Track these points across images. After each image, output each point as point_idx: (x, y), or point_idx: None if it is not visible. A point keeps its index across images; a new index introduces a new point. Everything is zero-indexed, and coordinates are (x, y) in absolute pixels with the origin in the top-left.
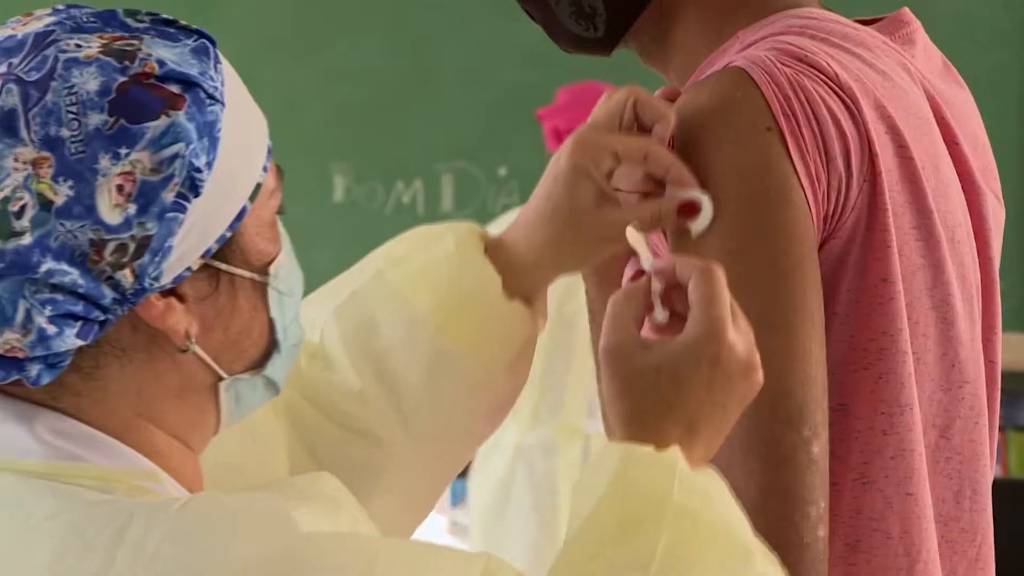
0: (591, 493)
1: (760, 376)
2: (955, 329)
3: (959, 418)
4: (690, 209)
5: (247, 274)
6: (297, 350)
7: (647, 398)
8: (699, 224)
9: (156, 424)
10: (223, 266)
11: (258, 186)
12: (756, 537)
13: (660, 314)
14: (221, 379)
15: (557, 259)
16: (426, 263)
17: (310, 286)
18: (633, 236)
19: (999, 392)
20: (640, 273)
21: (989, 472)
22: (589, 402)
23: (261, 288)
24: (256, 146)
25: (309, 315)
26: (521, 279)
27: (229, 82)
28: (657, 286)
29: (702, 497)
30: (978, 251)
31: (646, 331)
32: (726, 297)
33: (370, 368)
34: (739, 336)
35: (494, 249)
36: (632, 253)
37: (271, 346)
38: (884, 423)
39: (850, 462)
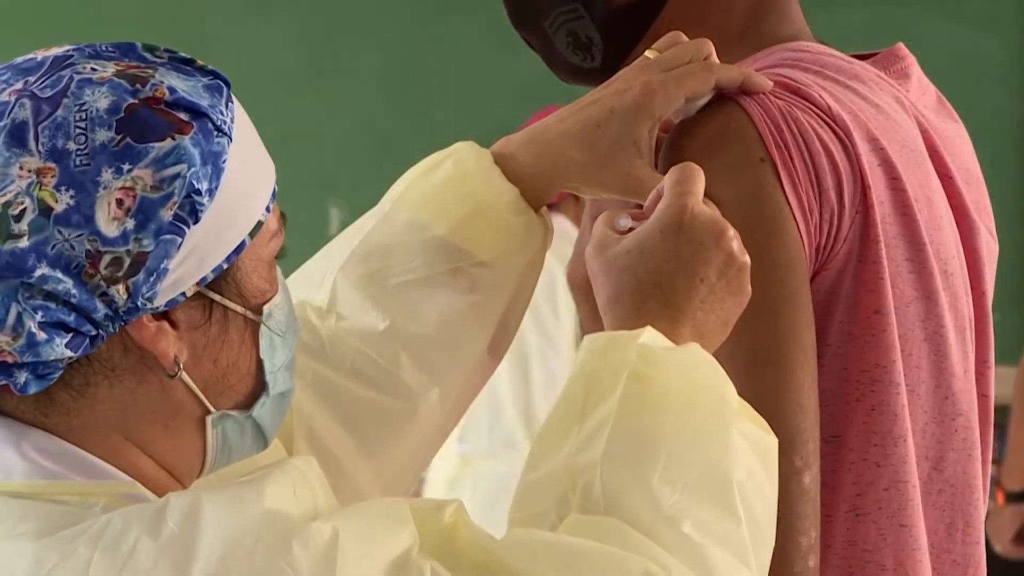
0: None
1: (735, 245)
2: (948, 361)
3: (952, 450)
4: None
5: (240, 309)
6: (287, 401)
7: (623, 278)
8: None
9: (144, 450)
10: (217, 297)
11: (259, 224)
12: (744, 404)
13: (624, 220)
14: (209, 412)
15: (570, 179)
16: (432, 188)
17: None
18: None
19: (992, 426)
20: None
21: (982, 505)
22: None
23: (253, 326)
24: (262, 186)
25: (311, 271)
26: (532, 190)
27: (239, 121)
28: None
29: (663, 366)
30: (971, 284)
31: None
32: (695, 180)
33: (392, 301)
34: (705, 208)
35: (503, 161)
36: None
37: (259, 387)
38: (877, 455)
39: (843, 493)
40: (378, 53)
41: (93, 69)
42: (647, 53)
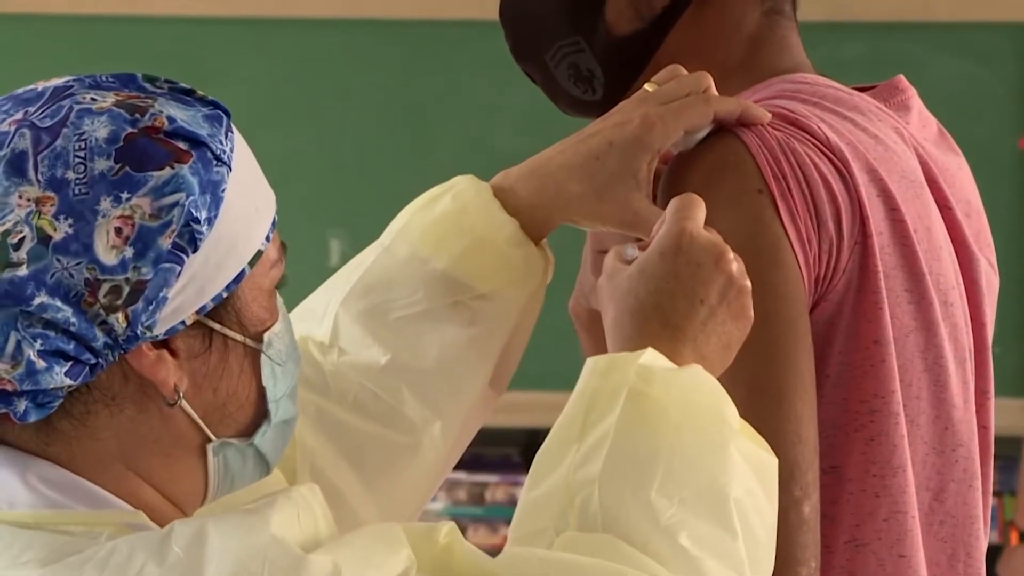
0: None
1: (734, 267)
2: (948, 392)
3: (953, 481)
4: None
5: (240, 338)
6: (291, 428)
7: (625, 301)
8: None
9: (145, 479)
10: (217, 326)
11: (259, 252)
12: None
13: (631, 251)
14: (210, 441)
15: (570, 212)
16: (432, 221)
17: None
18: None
19: (992, 457)
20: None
21: (983, 536)
22: None
23: (254, 355)
24: (262, 216)
25: (313, 305)
26: (532, 223)
27: (239, 151)
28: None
29: (663, 385)
30: (971, 315)
31: None
32: (695, 207)
33: (393, 335)
34: (704, 231)
35: (502, 194)
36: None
37: (261, 415)
38: (877, 485)
39: (843, 524)
40: (378, 85)
41: (93, 99)
42: (646, 86)
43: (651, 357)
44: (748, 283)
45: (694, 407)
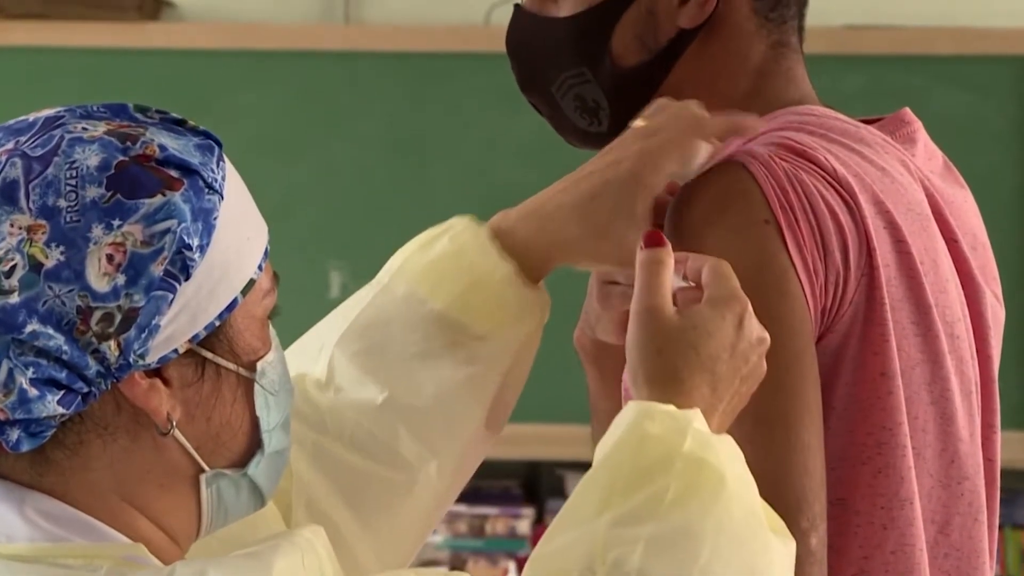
0: (607, 444)
1: (764, 360)
2: (954, 425)
3: (958, 514)
4: None
5: (233, 367)
6: (284, 459)
7: (686, 355)
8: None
9: (140, 510)
10: (209, 355)
11: (252, 281)
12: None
13: (678, 280)
14: (203, 471)
15: (568, 252)
16: (430, 262)
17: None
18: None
19: (998, 490)
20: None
21: (988, 570)
22: None
23: (247, 384)
24: (254, 245)
25: (309, 343)
26: (530, 264)
27: (231, 180)
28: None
29: (715, 453)
30: (977, 348)
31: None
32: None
33: (390, 374)
34: (754, 316)
35: (500, 235)
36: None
37: (254, 445)
38: (884, 517)
39: (850, 556)
40: (379, 117)
41: (84, 128)
42: (637, 121)
43: (700, 421)
44: (764, 371)
45: (743, 481)
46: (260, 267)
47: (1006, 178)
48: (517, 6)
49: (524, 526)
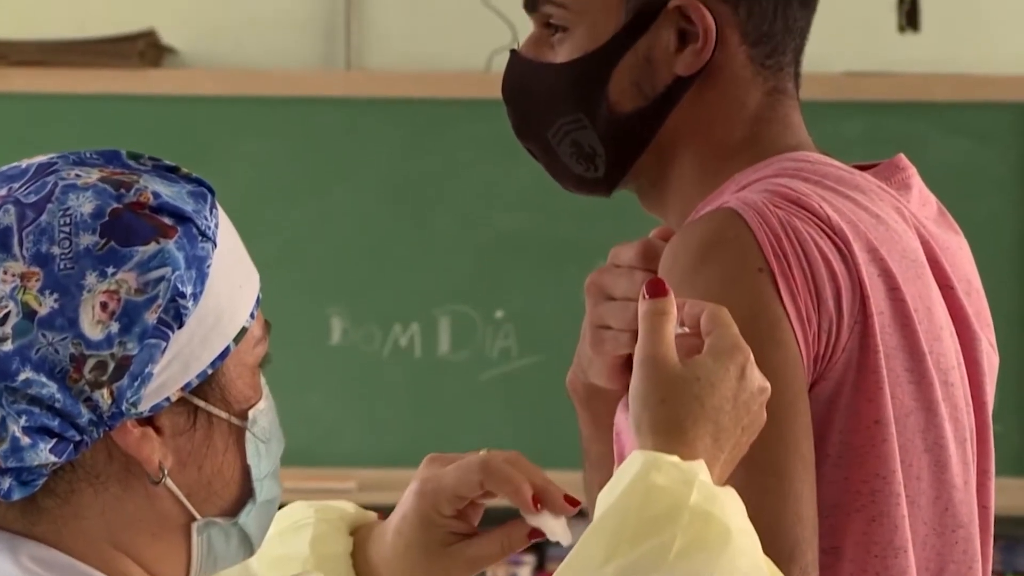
0: (613, 493)
1: (764, 414)
2: (948, 472)
3: (952, 562)
4: (542, 533)
5: (224, 415)
6: (274, 507)
7: (690, 405)
8: (560, 539)
9: (132, 558)
10: (201, 403)
11: (244, 329)
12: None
13: (675, 327)
14: (194, 519)
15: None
16: (279, 558)
17: (306, 428)
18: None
19: (992, 537)
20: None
21: None
22: None
23: (238, 432)
24: (246, 293)
25: None
26: None
27: (224, 227)
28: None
29: (720, 505)
30: (972, 395)
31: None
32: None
33: None
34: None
35: (362, 543)
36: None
37: (245, 494)
38: (877, 566)
39: None
40: (378, 163)
41: (78, 175)
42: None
43: (705, 473)
44: (764, 421)
45: (747, 534)
46: (252, 315)
47: (1006, 225)
48: (513, 51)
49: (525, 572)
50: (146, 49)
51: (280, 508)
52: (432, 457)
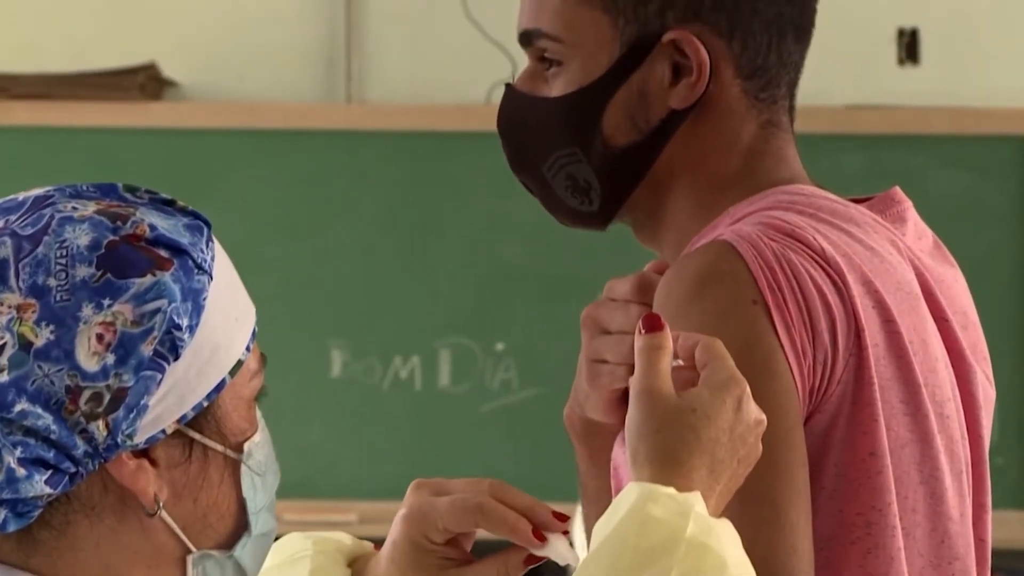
0: (609, 524)
1: (760, 446)
2: (944, 504)
3: None
4: (539, 558)
5: (220, 448)
6: (270, 540)
7: (685, 437)
8: (569, 561)
9: None
10: (197, 436)
11: (240, 362)
12: None
13: (673, 361)
14: (190, 552)
15: None
16: None
17: (307, 461)
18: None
19: (988, 570)
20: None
21: None
22: None
23: (234, 465)
24: (241, 326)
25: None
26: None
27: (220, 260)
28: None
29: (716, 537)
30: (968, 428)
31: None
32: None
33: None
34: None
35: (359, 574)
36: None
37: (241, 527)
38: None
39: None
40: (381, 196)
41: (74, 208)
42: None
43: (702, 505)
44: (760, 447)
45: (743, 566)
46: (248, 348)
47: (1006, 257)
48: (508, 85)
49: None
50: (147, 82)
51: (276, 539)
52: (418, 483)
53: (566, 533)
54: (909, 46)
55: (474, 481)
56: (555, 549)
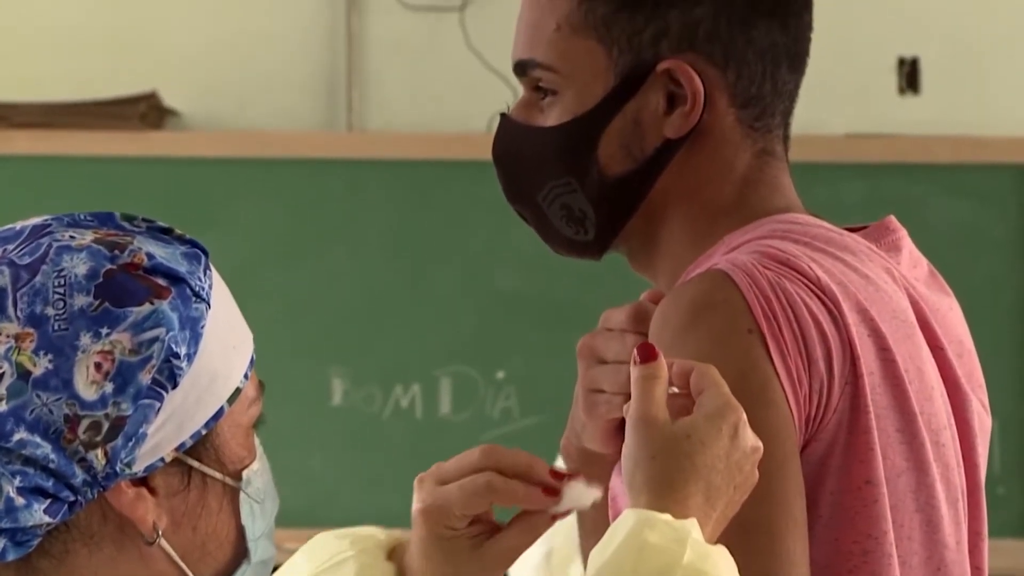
0: (606, 551)
1: (756, 474)
2: (940, 532)
3: None
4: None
5: (219, 475)
6: (269, 568)
7: (680, 463)
8: (588, 500)
9: None
10: (196, 464)
11: (238, 390)
12: None
13: (669, 388)
14: None
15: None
16: None
17: (306, 488)
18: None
19: None
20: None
21: None
22: None
23: (232, 493)
24: (239, 354)
25: None
26: None
27: (217, 289)
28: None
29: (713, 564)
30: (964, 456)
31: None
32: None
33: None
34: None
35: (399, 564)
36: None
37: (240, 554)
38: None
39: None
40: (380, 224)
41: (72, 237)
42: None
43: (698, 531)
44: (757, 474)
45: None
46: (246, 376)
47: (1006, 286)
48: (503, 115)
49: None
50: (148, 111)
51: (275, 569)
52: (421, 478)
53: (572, 477)
54: (910, 76)
55: (465, 455)
56: (572, 497)
